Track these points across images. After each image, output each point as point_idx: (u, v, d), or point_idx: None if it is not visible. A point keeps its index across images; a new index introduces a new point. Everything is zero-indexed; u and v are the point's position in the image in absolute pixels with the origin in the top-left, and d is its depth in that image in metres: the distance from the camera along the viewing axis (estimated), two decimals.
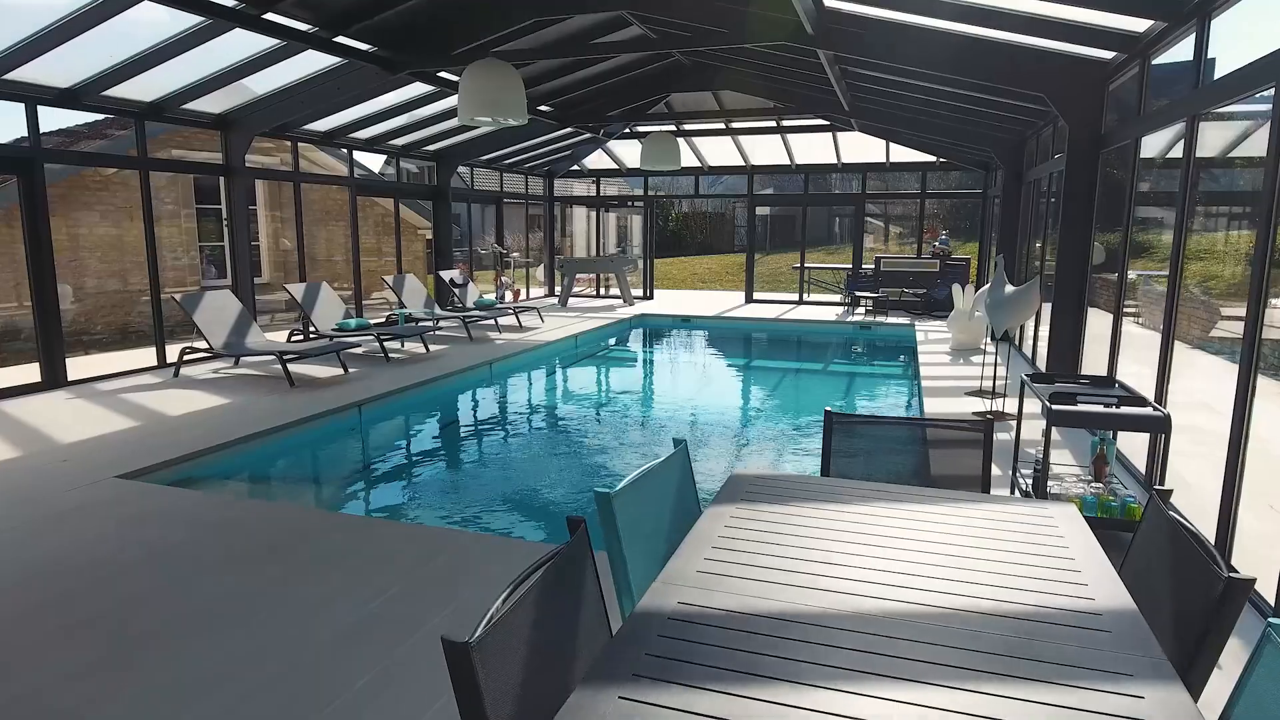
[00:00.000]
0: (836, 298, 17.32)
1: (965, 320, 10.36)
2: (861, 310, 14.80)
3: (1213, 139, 5.07)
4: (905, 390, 9.39)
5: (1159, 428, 3.71)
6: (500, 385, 9.77)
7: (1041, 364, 8.72)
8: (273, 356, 8.34)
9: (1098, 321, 6.67)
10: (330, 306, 10.10)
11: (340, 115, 10.82)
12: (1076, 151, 6.65)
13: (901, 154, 15.50)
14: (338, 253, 16.94)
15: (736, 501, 2.43)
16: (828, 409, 2.81)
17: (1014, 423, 6.48)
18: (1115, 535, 3.51)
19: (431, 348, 10.52)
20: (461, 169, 15.44)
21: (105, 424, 6.39)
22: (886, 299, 14.35)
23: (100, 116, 9.49)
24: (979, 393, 7.64)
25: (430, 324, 11.14)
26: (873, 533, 2.20)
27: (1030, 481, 4.29)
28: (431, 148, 13.30)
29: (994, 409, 6.90)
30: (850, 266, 16.47)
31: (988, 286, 7.13)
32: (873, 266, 15.62)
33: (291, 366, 8.68)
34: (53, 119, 8.01)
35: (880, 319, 13.79)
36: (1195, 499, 4.28)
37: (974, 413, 6.87)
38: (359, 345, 9.58)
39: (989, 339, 10.53)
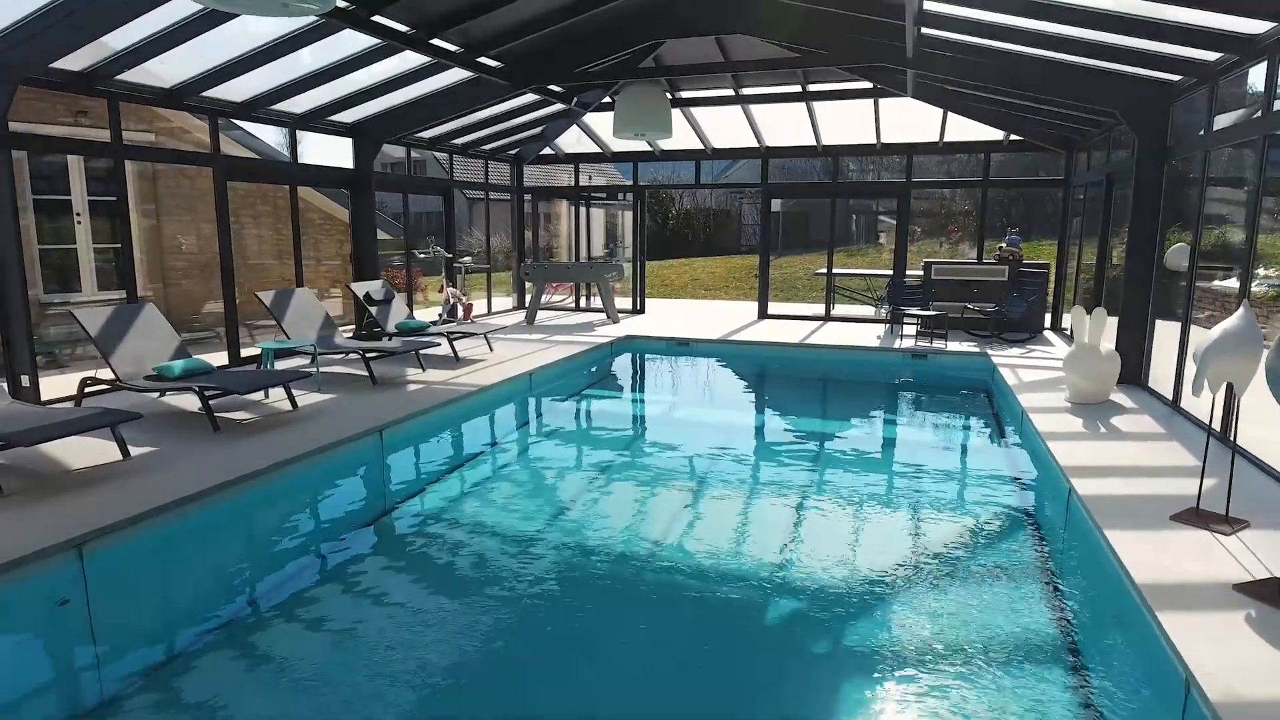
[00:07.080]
0: (868, 311, 13.93)
1: (1092, 361, 7.02)
2: (911, 331, 11.44)
3: None
4: (1039, 494, 5.76)
5: None
6: (378, 486, 6.11)
7: (1251, 441, 5.31)
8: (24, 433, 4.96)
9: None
10: (150, 342, 6.79)
11: (188, 65, 7.54)
12: None
13: (957, 132, 12.14)
14: (267, 256, 13.67)
15: None
16: None
17: None
18: None
19: (315, 398, 7.21)
20: (439, 157, 12.20)
21: None
22: (946, 317, 10.98)
23: None
24: (1198, 517, 4.28)
25: (301, 366, 7.85)
26: None
27: None
28: (345, 117, 9.95)
29: (1271, 575, 3.56)
30: (889, 273, 13.11)
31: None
32: (921, 274, 12.27)
33: (54, 446, 5.36)
34: None
35: (938, 344, 10.44)
36: None
37: (1235, 586, 3.52)
38: (139, 415, 5.53)
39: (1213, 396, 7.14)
